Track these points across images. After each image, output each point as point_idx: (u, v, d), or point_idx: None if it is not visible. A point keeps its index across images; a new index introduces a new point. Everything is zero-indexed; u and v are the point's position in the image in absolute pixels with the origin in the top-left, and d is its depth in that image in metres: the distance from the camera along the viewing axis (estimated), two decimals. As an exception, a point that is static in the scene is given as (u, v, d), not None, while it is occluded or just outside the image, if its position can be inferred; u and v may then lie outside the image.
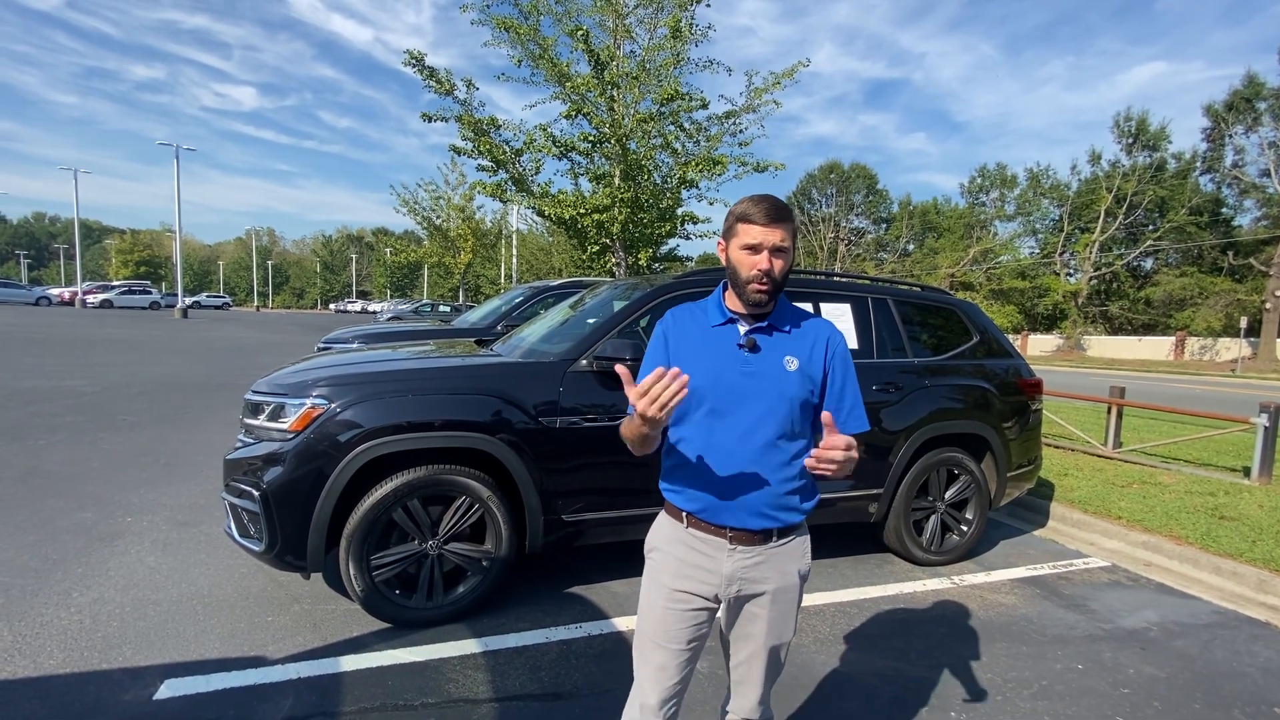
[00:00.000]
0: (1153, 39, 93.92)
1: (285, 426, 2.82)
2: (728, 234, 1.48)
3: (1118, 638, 3.12)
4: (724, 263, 1.51)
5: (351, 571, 2.79)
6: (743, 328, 1.49)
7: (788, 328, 1.50)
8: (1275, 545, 4.01)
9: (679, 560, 1.50)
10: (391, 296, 71.31)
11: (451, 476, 2.91)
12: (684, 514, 1.50)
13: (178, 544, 3.74)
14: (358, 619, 2.94)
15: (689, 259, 14.09)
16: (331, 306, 74.51)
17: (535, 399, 3.07)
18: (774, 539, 1.48)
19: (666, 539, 1.54)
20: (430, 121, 10.16)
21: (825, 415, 1.31)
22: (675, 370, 1.21)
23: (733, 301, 1.51)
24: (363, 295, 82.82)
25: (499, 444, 2.95)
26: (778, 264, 1.42)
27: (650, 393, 1.20)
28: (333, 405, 2.82)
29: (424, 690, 2.43)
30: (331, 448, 2.76)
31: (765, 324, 1.49)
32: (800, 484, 1.48)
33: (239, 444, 3.01)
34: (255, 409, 2.98)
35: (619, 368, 1.31)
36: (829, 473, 1.29)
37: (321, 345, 6.65)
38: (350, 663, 2.59)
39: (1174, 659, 2.93)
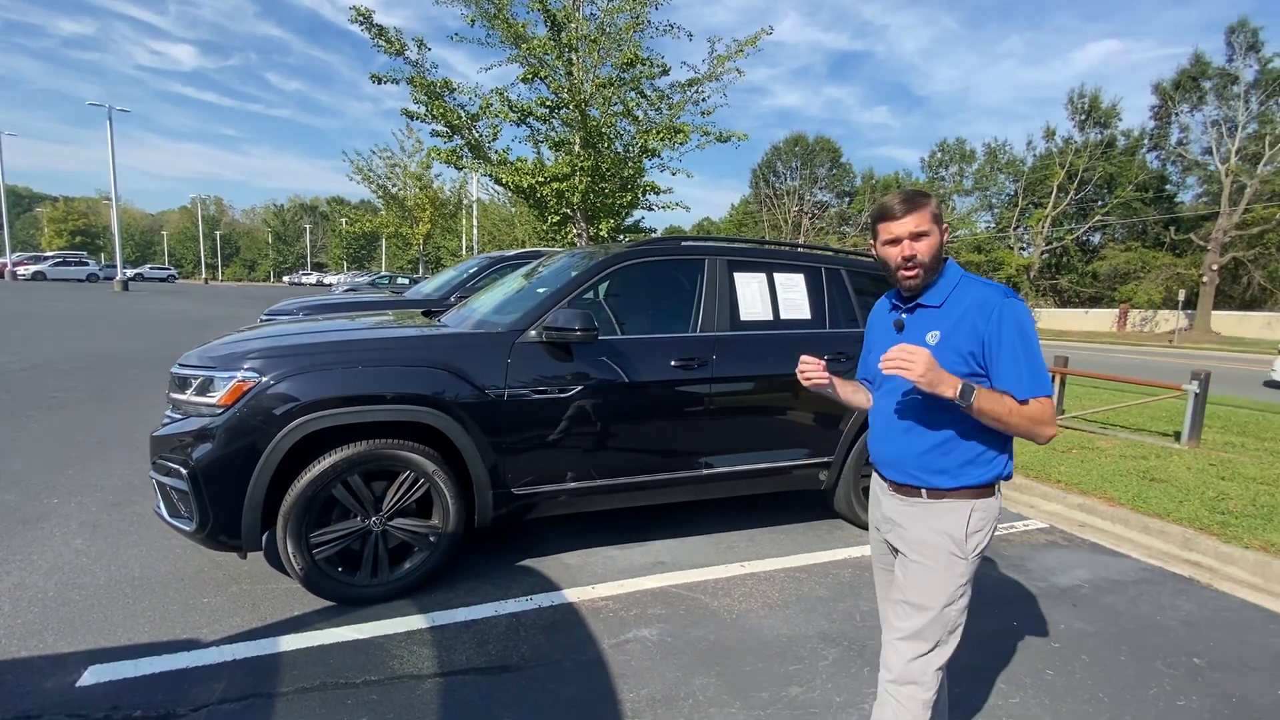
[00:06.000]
0: (1106, 16, 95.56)
1: (214, 401, 2.68)
2: (873, 236, 1.67)
3: (1051, 595, 3.25)
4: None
5: (290, 550, 2.70)
6: (901, 312, 1.69)
7: (939, 303, 1.61)
8: (1200, 505, 4.23)
9: (873, 496, 1.81)
10: (348, 268, 69.12)
11: (394, 451, 2.81)
12: (870, 460, 1.79)
13: (108, 525, 3.57)
14: (299, 598, 2.85)
15: (653, 230, 13.86)
16: (285, 279, 71.79)
17: (481, 371, 2.98)
18: (922, 495, 1.62)
19: (874, 477, 1.82)
20: (380, 83, 9.74)
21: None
22: (820, 361, 1.73)
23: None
24: (318, 267, 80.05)
25: (443, 417, 2.86)
26: (920, 247, 1.56)
27: (802, 369, 1.75)
28: (264, 378, 2.68)
29: (366, 667, 2.38)
30: (264, 422, 2.64)
31: (911, 305, 1.66)
32: (951, 452, 1.57)
33: (166, 420, 2.86)
34: (182, 383, 2.83)
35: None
36: (898, 371, 1.47)
37: (265, 316, 6.38)
38: (289, 642, 2.52)
39: (1103, 614, 3.07)
